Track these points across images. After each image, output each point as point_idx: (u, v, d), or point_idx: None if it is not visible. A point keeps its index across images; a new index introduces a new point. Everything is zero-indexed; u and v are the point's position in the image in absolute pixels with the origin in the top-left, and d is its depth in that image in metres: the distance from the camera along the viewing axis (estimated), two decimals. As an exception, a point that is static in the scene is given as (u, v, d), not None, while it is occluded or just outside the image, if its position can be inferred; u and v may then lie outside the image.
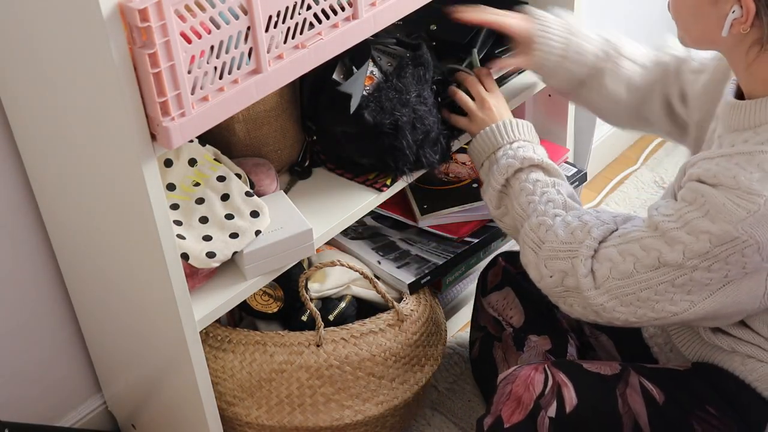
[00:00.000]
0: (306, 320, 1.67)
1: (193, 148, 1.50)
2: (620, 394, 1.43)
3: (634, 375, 1.46)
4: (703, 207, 1.29)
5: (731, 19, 1.26)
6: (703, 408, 1.42)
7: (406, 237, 1.85)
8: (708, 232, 1.28)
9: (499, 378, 1.49)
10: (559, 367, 1.46)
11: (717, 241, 1.27)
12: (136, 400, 1.78)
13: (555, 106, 1.98)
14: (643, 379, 1.45)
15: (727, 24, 1.27)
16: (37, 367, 1.74)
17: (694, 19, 1.32)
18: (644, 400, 1.43)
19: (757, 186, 1.25)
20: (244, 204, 1.49)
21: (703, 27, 1.32)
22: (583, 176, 1.92)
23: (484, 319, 1.78)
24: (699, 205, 1.29)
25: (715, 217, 1.27)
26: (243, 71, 1.28)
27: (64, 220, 1.56)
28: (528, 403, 1.42)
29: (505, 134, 1.57)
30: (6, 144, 1.52)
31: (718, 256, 1.28)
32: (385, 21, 1.44)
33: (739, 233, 1.26)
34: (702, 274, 1.31)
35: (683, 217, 1.31)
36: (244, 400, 1.63)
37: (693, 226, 1.29)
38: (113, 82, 1.17)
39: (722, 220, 1.27)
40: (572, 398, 1.42)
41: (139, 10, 1.12)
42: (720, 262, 1.29)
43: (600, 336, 1.69)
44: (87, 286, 1.65)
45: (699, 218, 1.29)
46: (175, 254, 1.35)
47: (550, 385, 1.42)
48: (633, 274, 1.34)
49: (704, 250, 1.29)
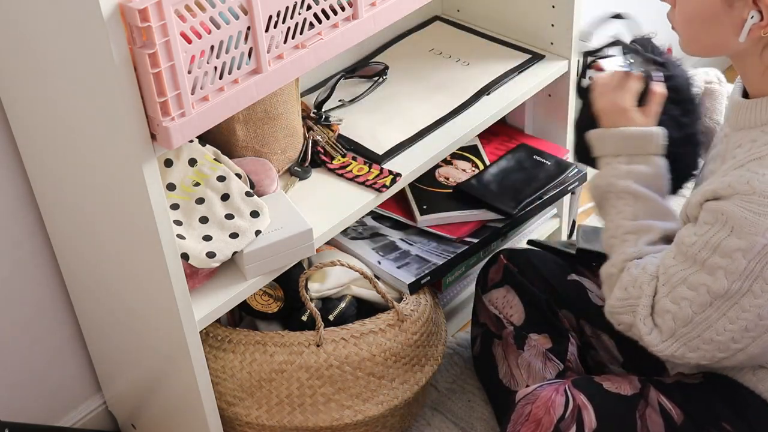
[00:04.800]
0: (306, 320, 1.67)
1: (193, 148, 1.50)
2: (640, 416, 1.42)
3: (653, 393, 1.44)
4: (726, 225, 1.27)
5: (750, 24, 1.26)
6: (718, 425, 1.41)
7: (406, 237, 1.85)
8: (739, 249, 1.26)
9: (517, 396, 1.48)
10: (579, 388, 1.44)
11: (750, 255, 1.26)
12: (136, 400, 1.78)
13: (555, 106, 1.98)
14: (661, 397, 1.44)
15: (745, 30, 1.27)
16: (37, 367, 1.75)
17: (706, 28, 1.31)
18: (663, 420, 1.42)
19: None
20: (244, 204, 1.49)
21: (716, 35, 1.31)
22: (583, 176, 1.92)
23: (484, 316, 1.78)
24: (722, 225, 1.28)
25: (740, 231, 1.26)
26: (243, 71, 1.28)
27: (64, 220, 1.56)
28: (548, 426, 1.41)
29: (659, 144, 1.48)
30: (6, 144, 1.52)
31: (754, 272, 1.26)
32: (385, 21, 1.44)
33: (767, 239, 1.24)
34: (750, 300, 1.28)
35: (710, 242, 1.29)
36: (244, 400, 1.63)
37: (723, 248, 1.27)
38: (113, 82, 1.17)
39: (748, 232, 1.25)
40: (592, 421, 1.41)
41: (139, 10, 1.12)
42: (760, 279, 1.27)
43: (602, 335, 1.69)
44: (87, 286, 1.65)
45: (726, 238, 1.27)
46: (175, 254, 1.36)
47: (571, 408, 1.41)
48: (693, 317, 1.32)
49: (742, 268, 1.27)
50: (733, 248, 1.26)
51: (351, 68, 1.89)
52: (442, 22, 2.06)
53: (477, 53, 1.94)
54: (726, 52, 1.35)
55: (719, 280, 1.28)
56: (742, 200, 1.26)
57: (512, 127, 2.06)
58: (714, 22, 1.29)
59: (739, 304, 1.29)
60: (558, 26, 1.89)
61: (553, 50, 1.91)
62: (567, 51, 1.89)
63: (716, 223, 1.29)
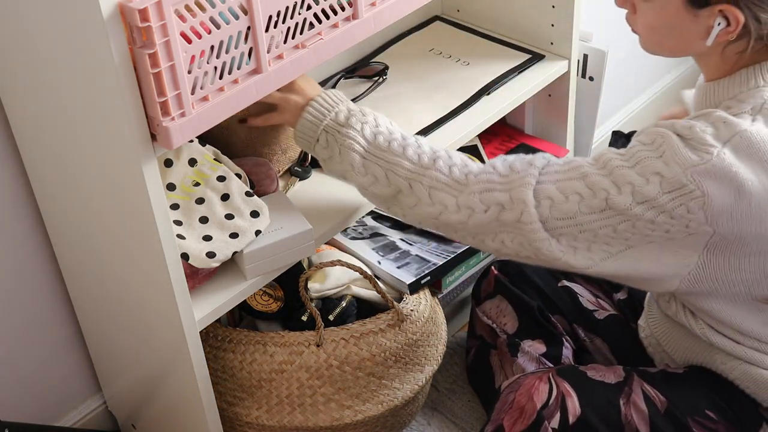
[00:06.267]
0: (306, 320, 1.67)
1: (193, 148, 1.50)
2: (624, 403, 1.43)
3: (637, 381, 1.46)
4: (659, 148, 1.28)
5: (717, 31, 1.28)
6: (702, 413, 1.42)
7: (406, 237, 1.86)
8: (659, 174, 1.26)
9: (502, 385, 1.49)
10: (563, 376, 1.45)
11: (667, 187, 1.26)
12: (136, 400, 1.78)
13: (555, 106, 1.98)
14: (645, 385, 1.45)
15: (712, 36, 1.29)
16: (37, 367, 1.75)
17: (670, 35, 1.34)
18: (647, 408, 1.43)
19: (710, 139, 1.26)
20: (244, 204, 1.49)
21: (681, 41, 1.34)
22: (583, 176, 1.92)
23: (479, 328, 1.78)
24: (656, 146, 1.28)
25: (669, 159, 1.26)
26: (243, 71, 1.28)
27: (64, 220, 1.56)
28: (531, 413, 1.41)
29: (334, 100, 1.46)
30: (6, 144, 1.52)
31: (664, 207, 1.27)
32: (385, 21, 1.44)
33: (688, 180, 1.25)
34: (645, 225, 1.29)
35: (635, 156, 1.29)
36: (244, 400, 1.63)
37: (645, 166, 1.28)
38: (113, 82, 1.17)
39: (675, 162, 1.26)
40: (576, 408, 1.41)
41: (139, 10, 1.12)
42: (665, 214, 1.27)
43: (595, 339, 1.69)
44: (87, 286, 1.65)
45: (653, 158, 1.27)
46: (175, 254, 1.36)
47: (555, 395, 1.42)
48: (576, 214, 1.31)
49: (652, 195, 1.27)
50: (654, 170, 1.27)
51: (351, 68, 1.89)
52: (442, 22, 2.06)
53: (477, 53, 1.94)
54: (689, 54, 1.38)
55: (624, 194, 1.28)
56: (680, 138, 1.27)
57: (512, 127, 2.06)
58: (679, 29, 1.32)
59: (632, 223, 1.29)
60: (558, 26, 1.89)
61: (553, 50, 1.92)
62: (567, 51, 1.89)
63: (651, 143, 1.29)
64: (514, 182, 1.34)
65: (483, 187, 1.36)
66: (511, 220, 1.34)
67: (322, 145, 1.45)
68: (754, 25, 1.27)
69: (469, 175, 1.38)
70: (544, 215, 1.32)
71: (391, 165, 1.41)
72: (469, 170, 1.39)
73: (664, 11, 1.31)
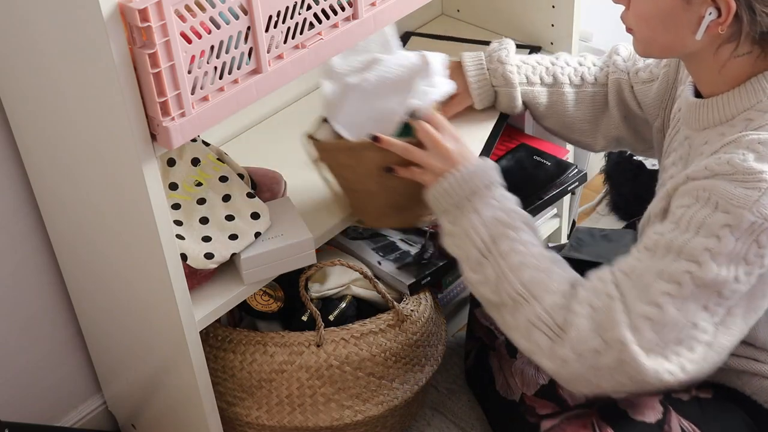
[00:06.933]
0: (306, 320, 1.67)
1: (196, 147, 1.50)
2: None
3: (675, 418, 1.40)
4: (709, 201, 1.20)
5: (708, 21, 1.25)
6: None
7: (406, 237, 1.85)
8: (726, 224, 1.18)
9: (542, 427, 1.47)
10: (605, 420, 1.40)
11: (738, 232, 1.18)
12: (136, 400, 1.78)
13: (555, 106, 1.98)
14: (683, 421, 1.39)
15: (702, 27, 1.25)
16: (37, 367, 1.75)
17: (663, 27, 1.30)
18: None
19: (756, 165, 1.20)
20: (245, 205, 1.49)
21: (673, 34, 1.30)
22: (583, 176, 1.91)
23: (478, 330, 1.78)
24: (704, 201, 1.21)
25: (727, 205, 1.19)
26: (243, 71, 1.28)
27: (64, 220, 1.56)
28: None
29: (478, 178, 1.41)
30: (6, 144, 1.52)
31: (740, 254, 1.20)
32: (385, 21, 1.44)
33: (755, 217, 1.18)
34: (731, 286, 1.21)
35: (692, 222, 1.21)
36: (244, 400, 1.63)
37: (709, 226, 1.19)
38: (113, 82, 1.17)
39: (735, 206, 1.18)
40: None
41: (139, 10, 1.12)
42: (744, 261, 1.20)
43: None
44: (87, 286, 1.65)
45: (711, 214, 1.19)
46: (175, 254, 1.36)
47: None
48: (676, 316, 1.21)
49: (730, 247, 1.18)
50: (720, 224, 1.19)
51: (351, 68, 1.89)
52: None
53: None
54: (681, 53, 1.34)
55: (706, 264, 1.19)
56: (724, 179, 1.21)
57: (512, 127, 2.06)
58: (671, 20, 1.28)
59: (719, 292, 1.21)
60: (558, 26, 1.89)
61: (553, 50, 1.91)
62: (567, 51, 1.89)
63: (697, 201, 1.21)
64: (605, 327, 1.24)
65: (576, 337, 1.26)
66: (612, 361, 1.23)
67: (449, 218, 1.42)
68: (747, 16, 1.23)
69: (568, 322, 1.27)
70: (652, 340, 1.21)
71: (504, 275, 1.33)
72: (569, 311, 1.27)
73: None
